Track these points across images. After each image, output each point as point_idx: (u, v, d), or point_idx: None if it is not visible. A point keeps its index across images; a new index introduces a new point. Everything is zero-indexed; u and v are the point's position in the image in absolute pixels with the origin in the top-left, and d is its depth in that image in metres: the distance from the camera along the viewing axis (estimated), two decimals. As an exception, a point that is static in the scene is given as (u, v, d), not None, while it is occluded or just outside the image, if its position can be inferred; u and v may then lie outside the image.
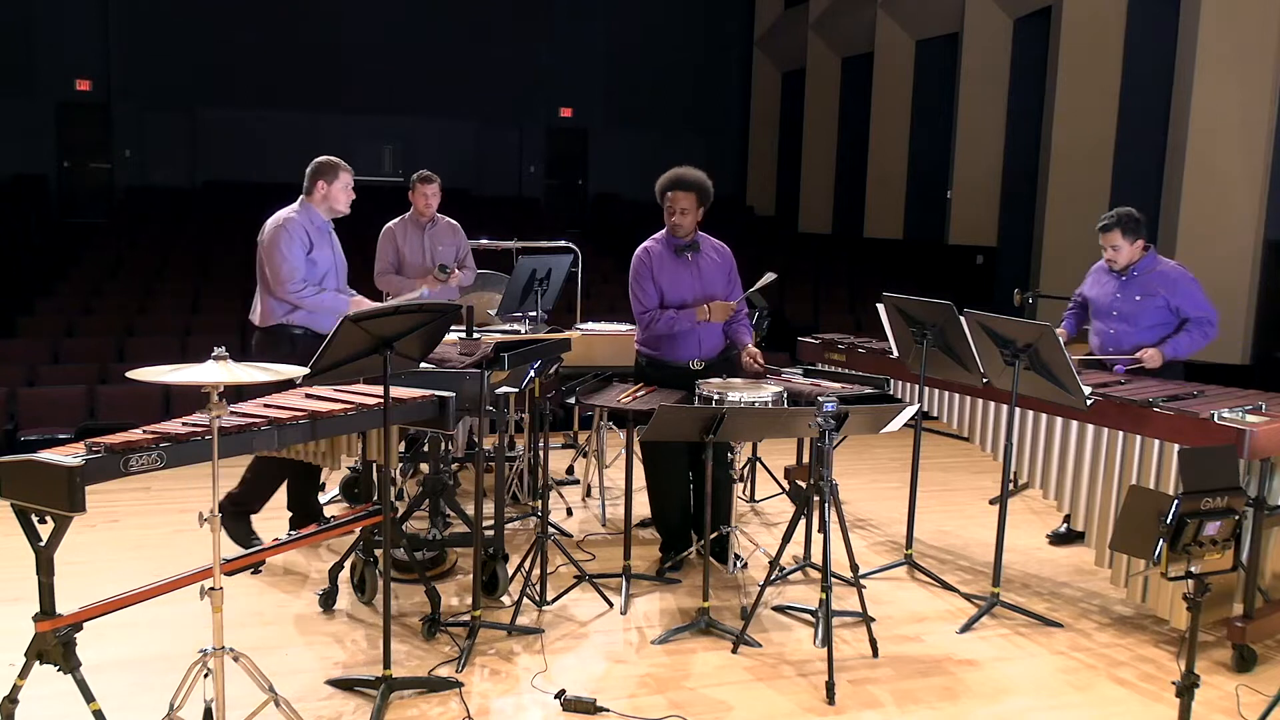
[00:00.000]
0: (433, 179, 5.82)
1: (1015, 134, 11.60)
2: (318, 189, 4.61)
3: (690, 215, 4.44)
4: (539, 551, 4.13)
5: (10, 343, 7.91)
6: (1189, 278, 4.71)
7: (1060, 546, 5.12)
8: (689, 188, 4.42)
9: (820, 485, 3.64)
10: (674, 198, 4.43)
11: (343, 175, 4.64)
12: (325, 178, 4.61)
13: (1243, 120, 8.34)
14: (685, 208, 4.42)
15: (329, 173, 4.62)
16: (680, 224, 4.45)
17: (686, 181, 4.43)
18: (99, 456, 2.75)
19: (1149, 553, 2.65)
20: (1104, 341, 4.85)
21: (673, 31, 17.79)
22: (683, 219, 4.44)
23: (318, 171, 4.62)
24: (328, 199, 4.62)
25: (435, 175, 5.85)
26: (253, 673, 2.97)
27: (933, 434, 6.88)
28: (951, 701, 3.46)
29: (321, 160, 4.65)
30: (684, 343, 4.50)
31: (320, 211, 4.63)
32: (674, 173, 4.48)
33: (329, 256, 4.64)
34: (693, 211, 4.44)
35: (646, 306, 4.51)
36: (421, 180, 5.79)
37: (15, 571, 4.18)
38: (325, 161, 4.65)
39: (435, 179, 5.84)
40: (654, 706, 3.36)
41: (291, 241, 4.49)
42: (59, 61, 15.08)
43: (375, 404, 3.52)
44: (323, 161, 4.65)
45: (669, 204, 4.45)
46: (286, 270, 4.45)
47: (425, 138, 16.63)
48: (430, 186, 5.79)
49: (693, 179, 4.44)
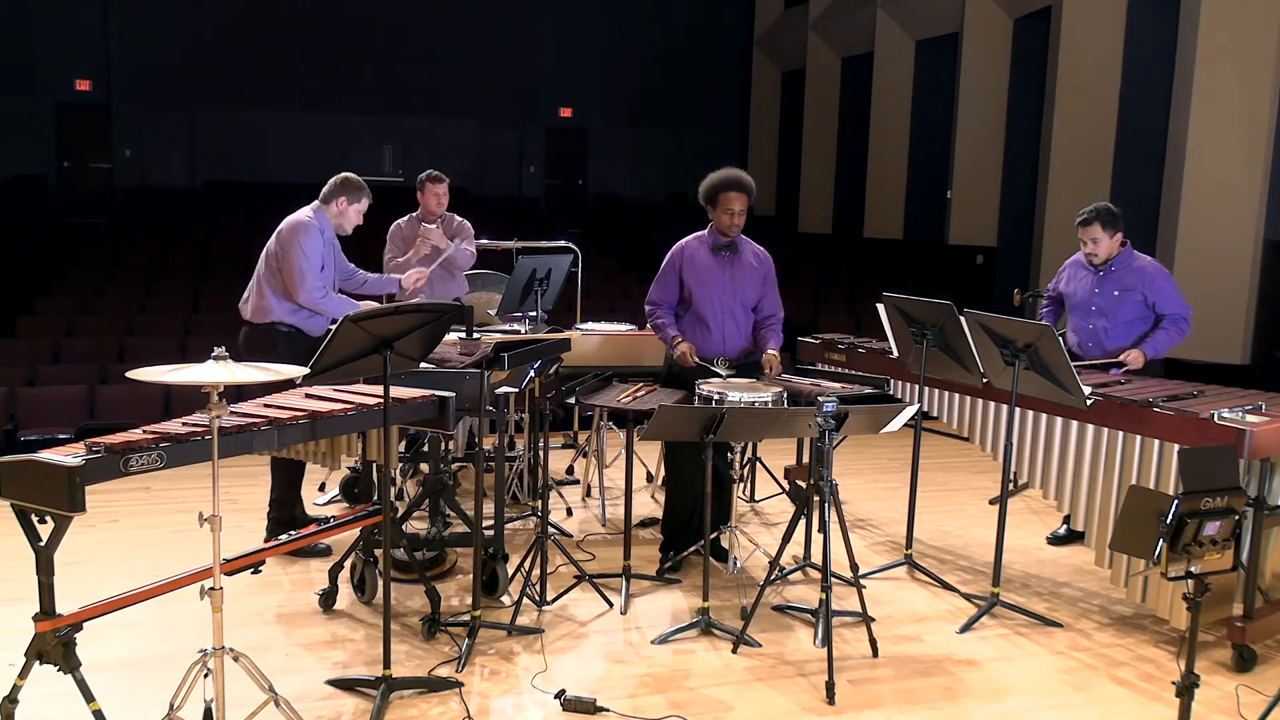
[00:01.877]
0: (442, 179, 5.79)
1: (1015, 134, 11.60)
2: (337, 203, 4.61)
3: (744, 216, 4.46)
4: (539, 551, 4.13)
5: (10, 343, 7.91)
6: (1165, 273, 4.74)
7: (1060, 547, 5.12)
8: (745, 189, 4.44)
9: (820, 485, 3.64)
10: (731, 199, 4.43)
11: (364, 200, 4.67)
12: (349, 196, 4.62)
13: (1243, 120, 8.34)
14: (741, 209, 4.44)
15: (353, 192, 4.63)
16: (736, 224, 4.47)
17: (744, 183, 4.44)
18: (99, 456, 2.75)
19: (1149, 553, 2.65)
20: (1083, 338, 4.87)
21: (673, 32, 17.78)
22: (739, 219, 4.46)
23: (343, 187, 4.62)
24: (343, 215, 4.64)
25: (444, 175, 5.83)
26: (253, 673, 2.97)
27: (933, 434, 6.88)
28: (951, 701, 3.46)
29: (349, 177, 4.66)
30: (709, 341, 4.52)
31: (331, 224, 4.64)
32: (730, 174, 4.47)
33: (332, 269, 4.66)
34: (745, 212, 4.46)
35: (654, 300, 4.59)
36: (431, 180, 5.76)
37: (15, 571, 4.18)
38: (353, 180, 4.65)
39: (444, 179, 5.80)
40: (654, 706, 3.36)
41: (314, 241, 4.51)
42: (59, 61, 15.08)
43: (375, 404, 3.52)
44: (350, 179, 4.65)
45: (724, 204, 4.43)
46: (308, 267, 4.47)
47: (425, 138, 16.64)
48: (440, 186, 5.76)
49: (747, 181, 4.46)
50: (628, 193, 17.68)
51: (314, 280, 4.49)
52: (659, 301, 4.58)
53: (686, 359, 4.44)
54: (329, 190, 4.64)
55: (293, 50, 15.80)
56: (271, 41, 15.72)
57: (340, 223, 4.67)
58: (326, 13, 15.96)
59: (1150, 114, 9.27)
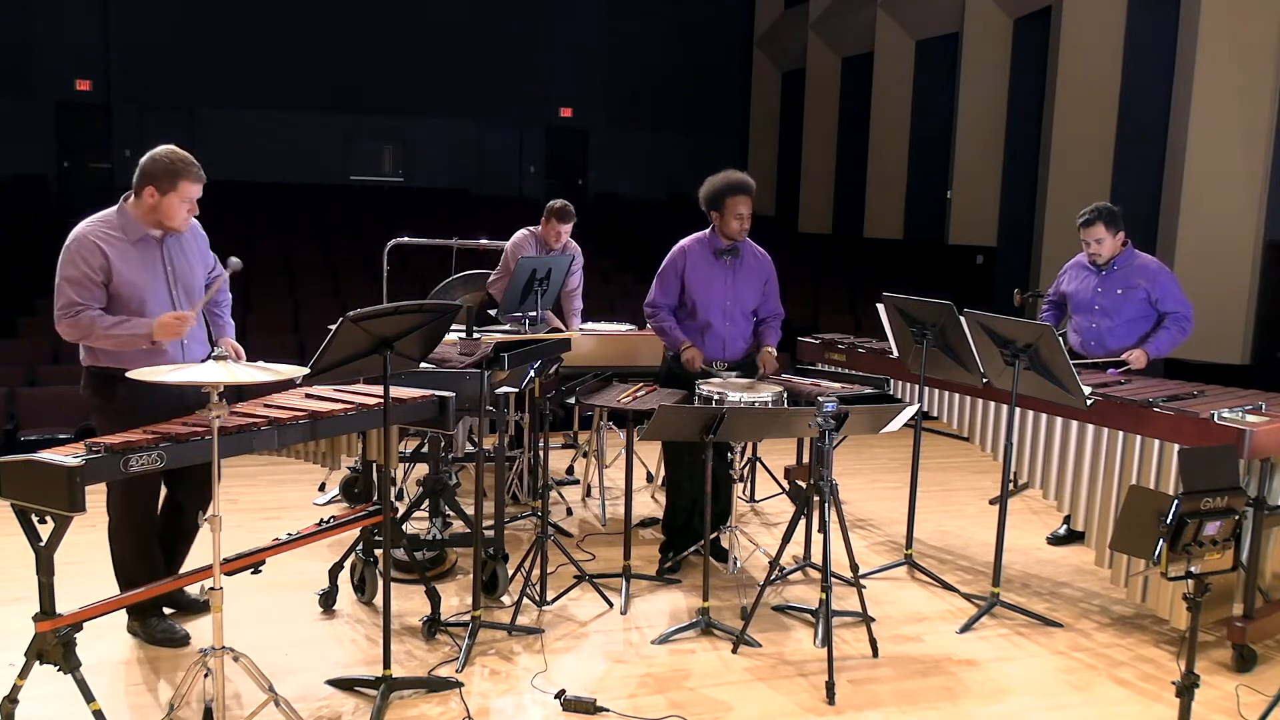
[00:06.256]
0: (570, 217, 5.68)
1: (1015, 134, 11.60)
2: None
3: (751, 220, 4.47)
4: (539, 551, 4.13)
5: (10, 343, 7.91)
6: (1167, 272, 4.76)
7: (1060, 547, 5.12)
8: (751, 191, 4.45)
9: (820, 485, 3.64)
10: (738, 202, 4.43)
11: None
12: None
13: (1243, 120, 8.34)
14: (748, 213, 4.45)
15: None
16: (745, 229, 4.47)
17: (749, 185, 4.45)
18: (99, 456, 2.76)
19: (1149, 553, 2.65)
20: (1085, 337, 4.87)
21: (673, 32, 17.79)
22: (748, 223, 4.46)
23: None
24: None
25: (562, 215, 5.68)
26: (253, 673, 2.97)
27: (933, 434, 6.88)
28: (951, 701, 3.46)
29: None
30: (709, 343, 4.52)
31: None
32: (734, 177, 4.46)
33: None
34: (752, 215, 4.47)
35: (656, 302, 4.58)
36: (559, 217, 5.66)
37: (15, 571, 4.18)
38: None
39: (573, 218, 5.69)
40: (654, 706, 3.36)
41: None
42: (59, 61, 15.09)
43: (375, 404, 3.52)
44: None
45: (732, 209, 4.43)
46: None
47: (425, 138, 16.64)
48: (566, 225, 5.67)
49: (751, 183, 4.47)
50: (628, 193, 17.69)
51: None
52: (660, 304, 4.58)
53: (694, 363, 4.44)
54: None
55: (293, 50, 15.80)
56: (271, 41, 15.72)
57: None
58: (327, 13, 15.97)
59: (1150, 114, 9.27)
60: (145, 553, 3.66)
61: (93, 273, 3.36)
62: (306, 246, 11.93)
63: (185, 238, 3.65)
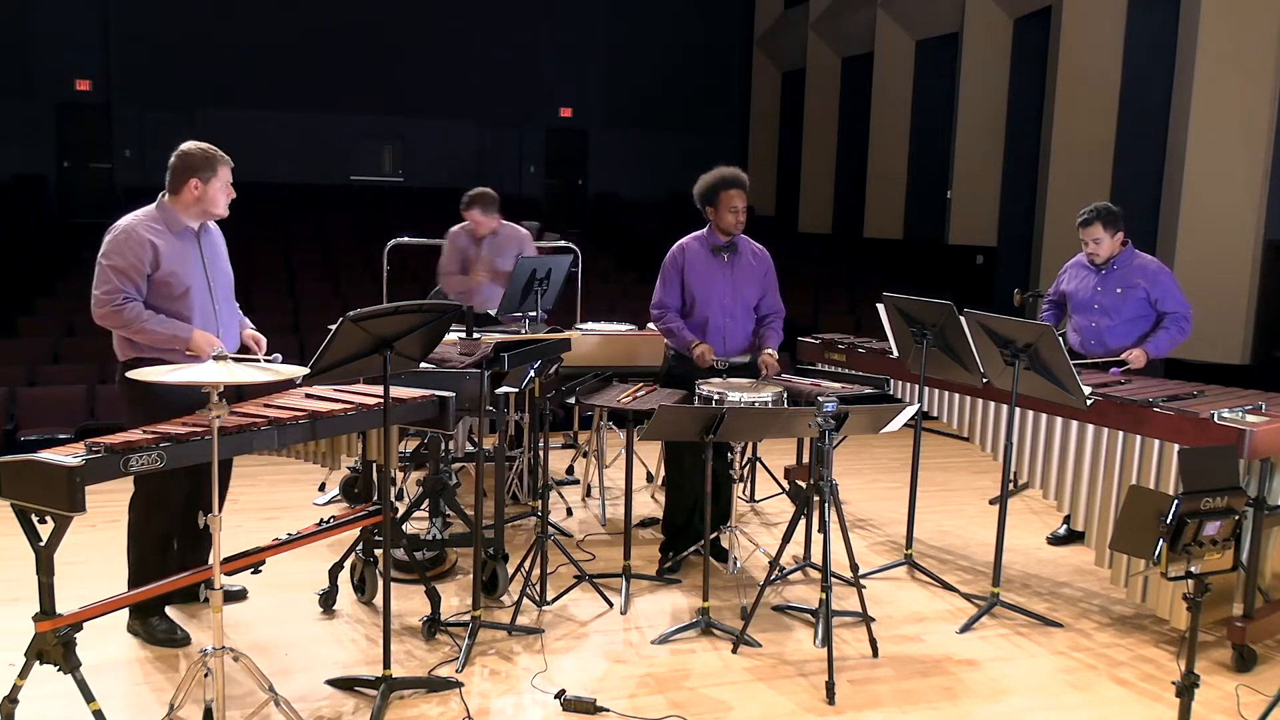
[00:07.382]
0: (489, 203, 5.87)
1: (1015, 134, 11.60)
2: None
3: (745, 213, 4.48)
4: (539, 551, 4.13)
5: (10, 343, 7.91)
6: (1167, 271, 4.77)
7: (1060, 547, 5.12)
8: (744, 185, 4.46)
9: (820, 485, 3.64)
10: (733, 196, 4.44)
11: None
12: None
13: (1243, 120, 8.34)
14: (743, 205, 4.46)
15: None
16: (740, 222, 4.48)
17: (742, 179, 4.47)
18: (99, 456, 2.76)
19: (1149, 553, 2.65)
20: (1085, 336, 4.88)
21: (673, 32, 17.78)
22: (743, 216, 4.47)
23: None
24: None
25: (482, 202, 5.85)
26: (253, 673, 2.97)
27: (933, 434, 6.88)
28: (951, 701, 3.46)
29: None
30: (709, 339, 4.52)
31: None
32: (727, 171, 4.48)
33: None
34: (747, 209, 4.48)
35: (663, 303, 4.57)
36: (480, 205, 5.83)
37: (15, 571, 4.18)
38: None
39: (494, 204, 5.89)
40: (654, 706, 3.36)
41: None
42: (59, 61, 15.07)
43: (375, 404, 3.52)
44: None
45: (726, 203, 4.44)
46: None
47: (425, 138, 16.63)
48: (485, 214, 5.84)
49: (744, 176, 4.48)
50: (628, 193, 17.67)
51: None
52: (667, 305, 4.57)
53: (705, 359, 4.43)
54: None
55: (293, 50, 15.79)
56: (272, 42, 15.71)
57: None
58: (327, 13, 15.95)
59: (1150, 114, 9.27)
60: (164, 554, 3.74)
61: (141, 264, 3.62)
62: (306, 246, 11.92)
63: (213, 235, 3.94)
